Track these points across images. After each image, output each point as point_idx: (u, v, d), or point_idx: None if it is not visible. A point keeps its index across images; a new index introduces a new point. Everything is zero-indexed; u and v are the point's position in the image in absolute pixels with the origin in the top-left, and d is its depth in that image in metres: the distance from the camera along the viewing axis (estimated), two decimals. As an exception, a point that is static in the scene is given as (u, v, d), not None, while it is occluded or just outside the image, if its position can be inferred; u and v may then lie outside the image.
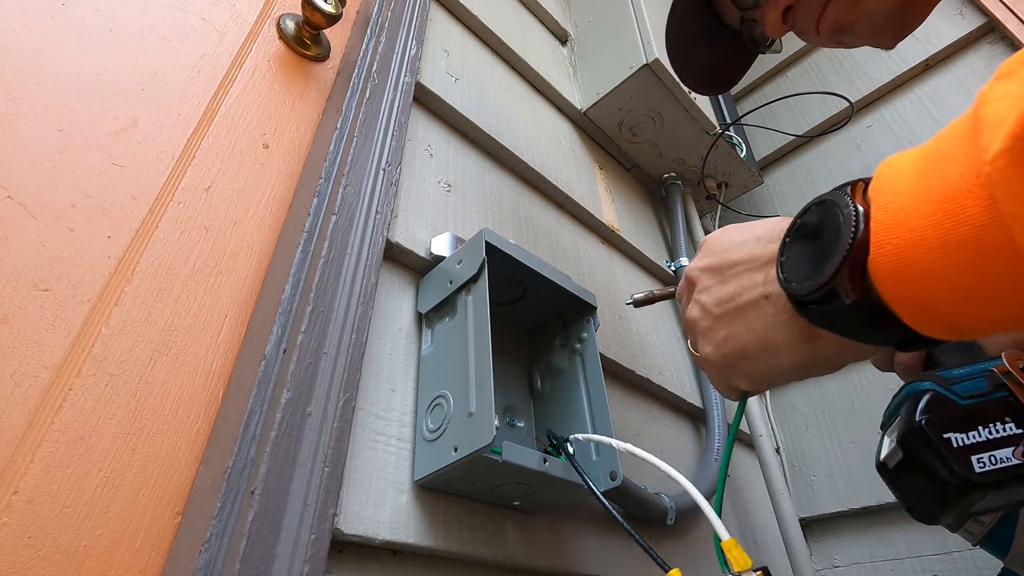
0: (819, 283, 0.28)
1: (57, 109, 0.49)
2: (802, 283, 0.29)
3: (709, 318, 0.37)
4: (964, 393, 0.38)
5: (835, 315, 0.29)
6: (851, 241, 0.26)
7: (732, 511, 0.91)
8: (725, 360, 0.37)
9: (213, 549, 0.37)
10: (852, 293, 0.27)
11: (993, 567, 0.59)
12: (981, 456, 0.37)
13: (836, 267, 0.27)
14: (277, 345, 0.47)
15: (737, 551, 0.36)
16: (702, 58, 0.70)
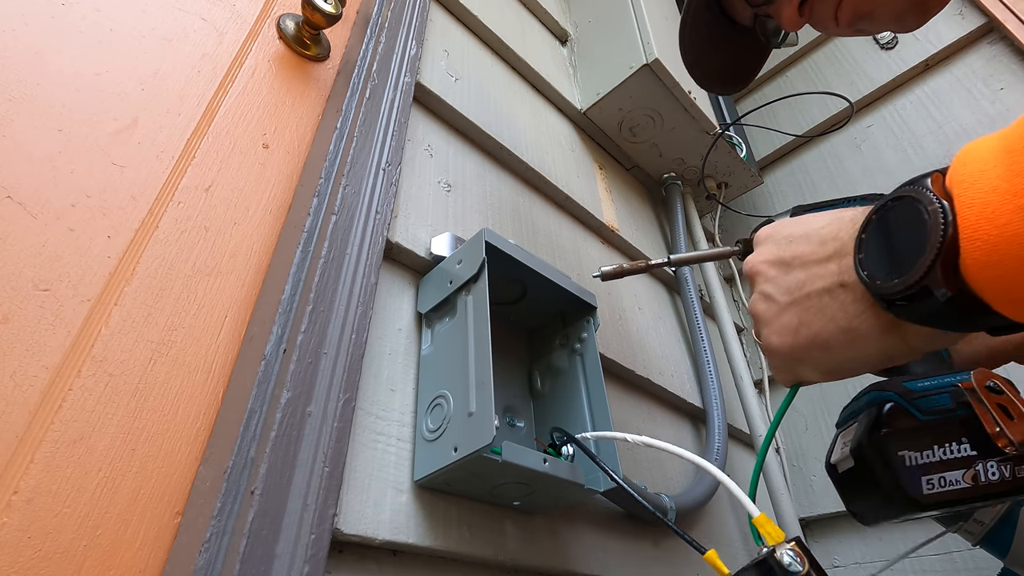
0: (911, 281, 0.28)
1: (57, 109, 0.49)
2: (889, 280, 0.29)
3: (776, 306, 0.36)
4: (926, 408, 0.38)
5: (929, 311, 0.29)
6: (941, 238, 0.26)
7: (732, 511, 0.91)
8: (796, 350, 0.35)
9: (213, 549, 0.37)
10: (947, 290, 0.27)
11: (993, 567, 0.59)
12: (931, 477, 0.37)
13: (928, 265, 0.27)
14: (277, 345, 0.47)
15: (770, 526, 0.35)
16: (717, 60, 0.70)
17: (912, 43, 1.29)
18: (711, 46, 0.69)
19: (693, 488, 0.81)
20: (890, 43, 1.34)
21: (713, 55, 0.70)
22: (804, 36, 1.52)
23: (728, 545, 0.85)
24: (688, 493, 0.79)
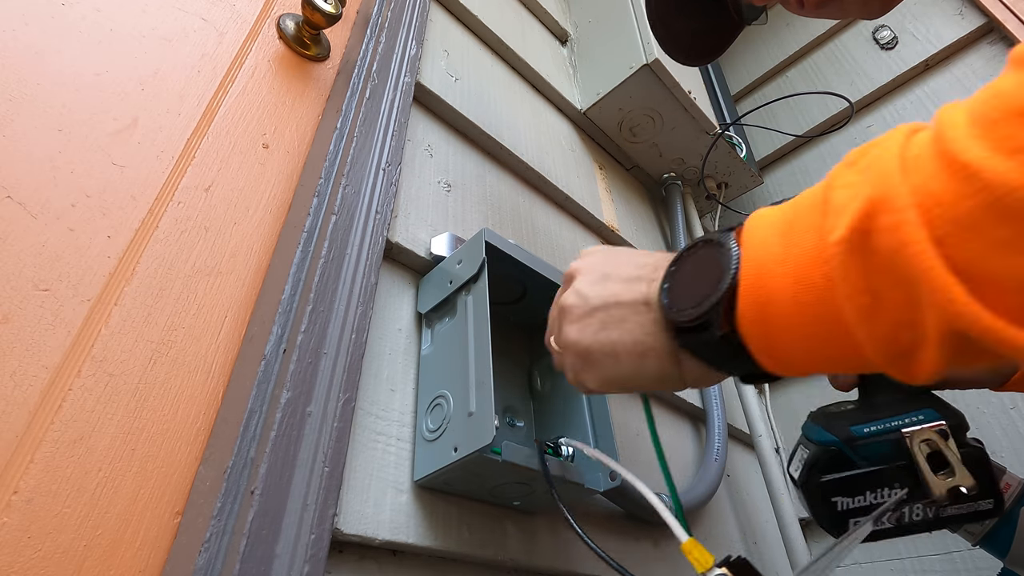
0: (697, 314, 0.31)
1: (57, 109, 0.49)
2: (683, 310, 0.32)
3: (587, 306, 0.38)
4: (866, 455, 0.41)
5: (704, 343, 0.32)
6: (727, 285, 0.30)
7: (732, 511, 0.91)
8: (591, 351, 0.37)
9: (213, 549, 0.37)
10: (722, 328, 0.30)
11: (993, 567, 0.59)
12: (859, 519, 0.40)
13: (713, 304, 0.30)
14: (277, 345, 0.47)
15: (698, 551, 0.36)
16: (685, 27, 0.69)
17: (912, 43, 1.30)
18: (681, 12, 0.67)
19: (693, 488, 0.81)
20: (890, 43, 1.34)
21: (683, 23, 0.68)
22: (804, 36, 1.52)
23: (729, 545, 0.85)
24: (688, 493, 0.79)
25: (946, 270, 0.22)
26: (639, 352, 0.36)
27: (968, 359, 0.24)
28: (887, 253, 0.23)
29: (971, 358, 0.24)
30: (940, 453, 0.37)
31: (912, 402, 0.41)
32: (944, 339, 0.23)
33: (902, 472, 0.39)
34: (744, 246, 0.30)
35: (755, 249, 0.29)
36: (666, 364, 0.35)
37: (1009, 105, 0.21)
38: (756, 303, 0.29)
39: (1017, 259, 0.20)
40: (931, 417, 0.39)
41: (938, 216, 0.22)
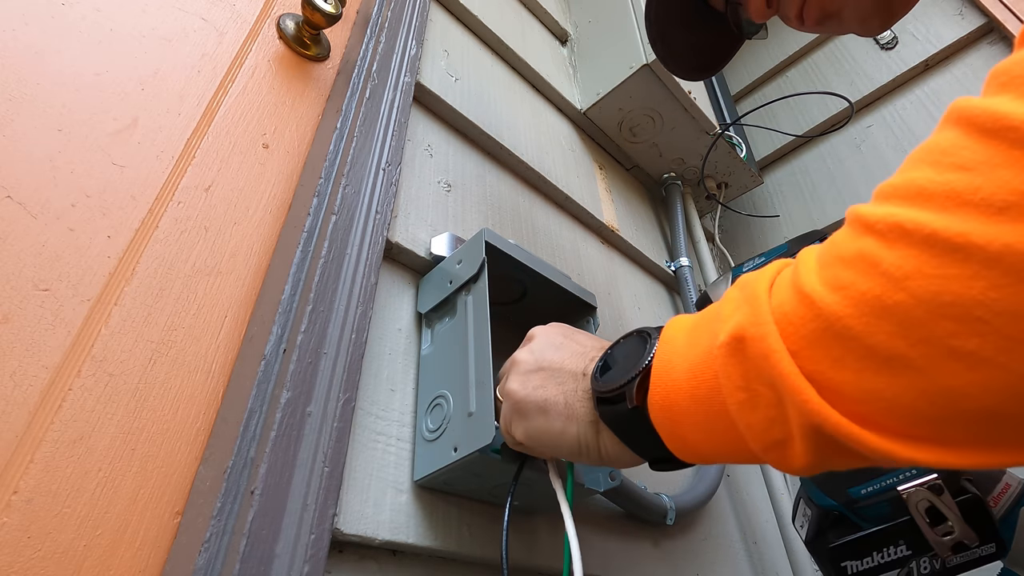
0: (614, 387, 0.36)
1: (57, 109, 0.49)
2: (605, 383, 0.37)
3: (534, 363, 0.42)
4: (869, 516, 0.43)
5: (617, 414, 0.36)
6: (642, 368, 0.34)
7: (732, 511, 0.91)
8: (526, 402, 0.41)
9: (213, 549, 0.37)
10: (633, 402, 0.34)
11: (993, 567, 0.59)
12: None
13: (628, 380, 0.35)
14: (277, 345, 0.47)
15: None
16: (685, 41, 0.69)
17: (912, 43, 1.30)
18: (681, 26, 0.67)
19: (693, 488, 0.81)
20: (890, 43, 1.34)
21: (683, 36, 0.68)
22: (804, 36, 1.52)
23: (729, 545, 0.85)
24: (688, 493, 0.79)
25: (801, 376, 0.26)
26: (567, 414, 0.39)
27: (836, 456, 0.27)
28: (756, 358, 0.28)
29: (838, 455, 0.27)
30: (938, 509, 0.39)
31: None
32: (807, 434, 0.26)
33: (905, 528, 0.40)
34: (660, 342, 0.35)
35: (667, 345, 0.34)
36: (586, 431, 0.39)
37: (836, 252, 0.26)
38: (660, 395, 0.33)
39: (847, 374, 0.25)
40: (922, 471, 0.40)
41: (792, 333, 0.26)
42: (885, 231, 0.24)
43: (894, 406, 0.24)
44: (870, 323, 0.24)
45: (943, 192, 0.23)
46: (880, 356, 0.24)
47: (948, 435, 0.24)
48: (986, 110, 0.23)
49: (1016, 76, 0.23)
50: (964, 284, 0.22)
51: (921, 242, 0.23)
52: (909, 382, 0.23)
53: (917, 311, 0.23)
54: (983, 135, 0.23)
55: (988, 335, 0.21)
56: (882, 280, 0.24)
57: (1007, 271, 0.21)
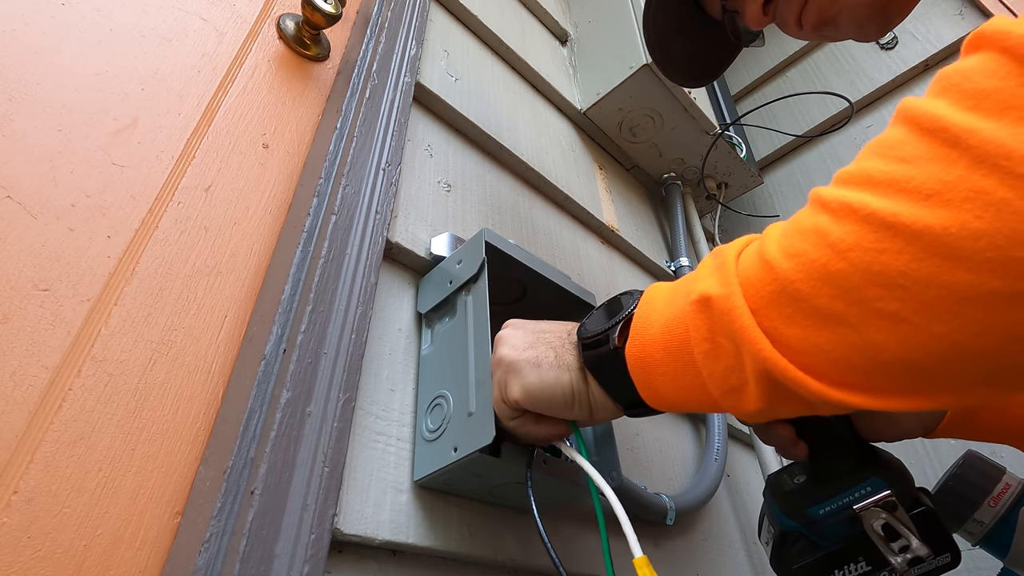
0: (598, 331, 0.41)
1: (57, 109, 0.49)
2: (589, 331, 0.42)
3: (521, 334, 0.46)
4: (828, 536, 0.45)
5: (599, 357, 0.40)
6: (625, 316, 0.40)
7: (732, 511, 0.91)
8: (518, 362, 0.43)
9: (213, 549, 0.37)
10: (615, 344, 0.39)
11: (993, 567, 0.59)
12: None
13: (612, 326, 0.40)
14: (277, 345, 0.47)
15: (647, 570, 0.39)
16: (682, 48, 0.69)
17: (912, 43, 1.30)
18: (679, 35, 0.68)
19: (693, 488, 0.81)
20: (890, 43, 1.34)
21: (681, 44, 0.69)
22: (804, 36, 1.51)
23: (729, 545, 0.85)
24: (688, 493, 0.79)
25: (758, 330, 0.30)
26: (558, 364, 0.43)
27: (783, 401, 0.31)
28: (720, 313, 0.32)
29: (785, 400, 0.31)
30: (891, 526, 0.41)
31: (858, 471, 0.44)
32: (759, 379, 0.31)
33: (863, 545, 0.42)
34: (640, 302, 0.39)
35: (646, 305, 0.39)
36: (578, 378, 0.42)
37: (796, 225, 0.31)
38: (637, 346, 0.37)
39: (795, 329, 0.29)
40: (877, 487, 0.42)
41: (753, 293, 0.31)
42: (836, 209, 0.28)
43: (832, 357, 0.29)
44: (816, 287, 0.28)
45: (886, 180, 0.27)
46: (822, 315, 0.28)
47: (873, 383, 0.28)
48: (927, 112, 0.27)
49: (953, 84, 0.27)
50: (892, 256, 0.26)
51: (862, 220, 0.27)
52: (844, 337, 0.28)
53: (854, 278, 0.27)
54: (922, 132, 0.27)
55: (907, 300, 0.26)
56: (828, 250, 0.28)
57: (925, 247, 0.25)
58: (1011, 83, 0.25)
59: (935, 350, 0.26)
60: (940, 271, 0.25)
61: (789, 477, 0.48)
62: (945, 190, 0.25)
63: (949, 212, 0.25)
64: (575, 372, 0.42)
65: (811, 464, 0.46)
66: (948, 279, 0.24)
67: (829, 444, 0.45)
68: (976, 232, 0.24)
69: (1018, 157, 0.23)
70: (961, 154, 0.25)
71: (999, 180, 0.24)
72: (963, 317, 0.25)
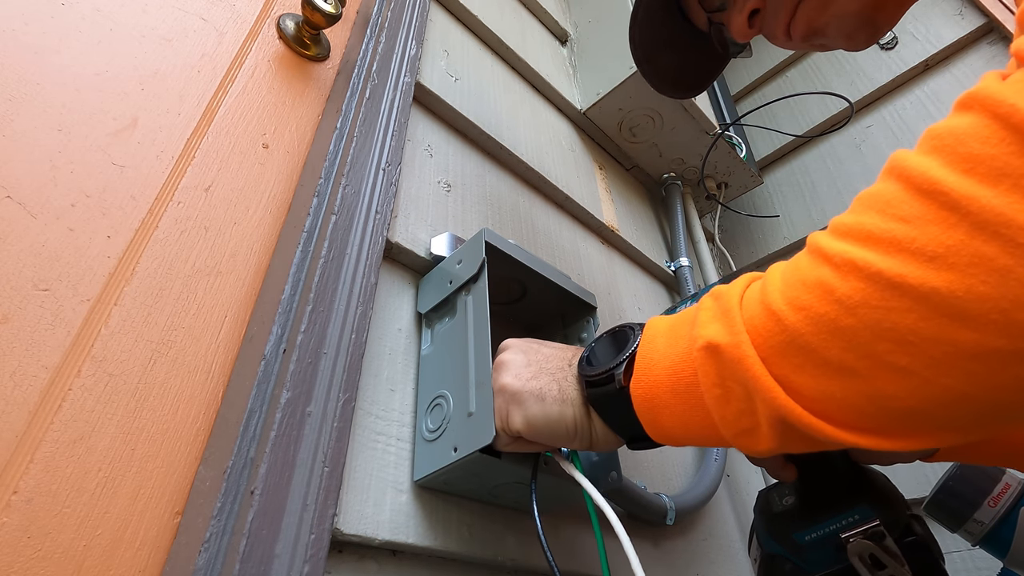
0: (603, 370, 0.41)
1: (57, 109, 0.49)
2: (593, 368, 0.42)
3: (524, 360, 0.46)
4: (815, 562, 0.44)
5: (604, 396, 0.41)
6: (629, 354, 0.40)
7: (732, 511, 0.91)
8: (521, 392, 0.43)
9: (213, 549, 0.37)
10: (621, 383, 0.40)
11: (993, 567, 0.59)
12: None
13: (617, 364, 0.40)
14: (277, 345, 0.47)
15: None
16: (670, 61, 0.69)
17: (912, 43, 1.30)
18: (667, 47, 0.68)
19: (693, 488, 0.81)
20: (890, 43, 1.34)
21: (669, 57, 0.69)
22: (804, 36, 1.51)
23: (729, 545, 0.85)
24: (688, 493, 0.79)
25: (771, 378, 0.31)
26: (562, 399, 0.43)
27: (795, 441, 0.32)
28: (731, 361, 0.33)
29: (796, 440, 0.32)
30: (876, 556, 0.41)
31: (847, 498, 0.43)
32: (773, 424, 0.32)
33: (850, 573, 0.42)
34: (642, 341, 0.40)
35: (647, 344, 0.39)
36: (581, 413, 0.43)
37: (798, 275, 0.31)
38: (642, 386, 0.38)
39: (806, 378, 0.30)
40: (865, 516, 0.42)
41: (761, 343, 0.32)
42: (840, 264, 0.29)
43: (843, 405, 0.30)
44: (826, 340, 0.29)
45: (887, 239, 0.28)
46: (833, 366, 0.29)
47: (882, 427, 0.30)
48: (922, 172, 0.28)
49: (946, 144, 0.28)
50: (901, 315, 0.27)
51: (868, 278, 0.28)
52: (855, 387, 0.29)
53: (864, 334, 0.28)
54: (919, 194, 0.28)
55: (916, 355, 0.27)
56: (836, 306, 0.29)
57: (933, 307, 0.26)
58: (1003, 150, 0.26)
59: (943, 400, 0.27)
60: (948, 329, 0.26)
61: (778, 497, 0.47)
62: (948, 254, 0.26)
63: (954, 275, 0.26)
64: (578, 407, 0.43)
65: (800, 487, 0.46)
66: (956, 337, 0.26)
67: (819, 469, 0.45)
68: (982, 296, 0.25)
69: (1017, 226, 0.24)
70: (960, 219, 0.26)
71: (1000, 247, 0.25)
72: (970, 372, 0.26)
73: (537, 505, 0.46)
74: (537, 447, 0.46)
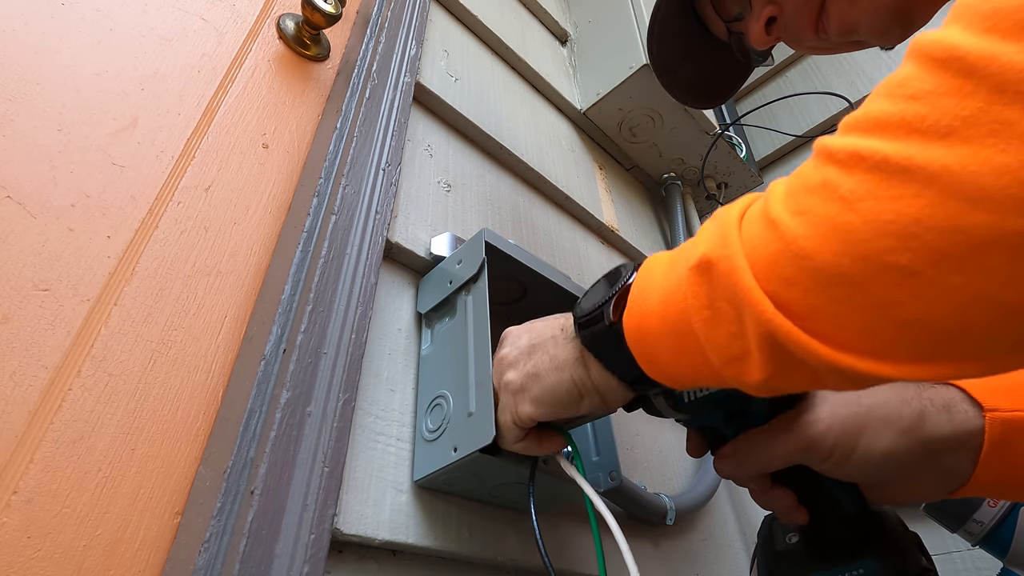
0: (593, 307, 0.39)
1: (57, 109, 0.49)
2: (584, 308, 0.40)
3: (519, 350, 0.44)
4: None
5: (595, 335, 0.39)
6: (619, 289, 0.38)
7: (732, 511, 0.91)
8: (522, 380, 0.43)
9: (213, 549, 0.37)
10: (611, 319, 0.37)
11: (993, 567, 0.59)
12: None
13: (606, 300, 0.38)
14: (277, 345, 0.47)
15: None
16: (692, 72, 0.69)
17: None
18: (687, 58, 0.67)
19: (693, 488, 0.81)
20: (890, 43, 1.34)
21: (689, 69, 0.68)
22: (804, 36, 1.51)
23: (729, 545, 0.85)
24: (688, 493, 0.79)
25: (759, 290, 0.28)
26: (555, 366, 0.41)
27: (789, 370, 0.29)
28: (721, 277, 0.30)
29: (790, 368, 0.29)
30: None
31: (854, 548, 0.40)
32: (763, 345, 0.29)
33: None
34: (638, 275, 0.38)
35: (644, 277, 0.37)
36: (576, 369, 0.40)
37: (802, 182, 0.28)
38: (635, 316, 0.36)
39: (797, 291, 0.27)
40: (870, 570, 0.39)
41: (755, 256, 0.29)
42: (845, 159, 0.26)
43: (840, 321, 0.26)
44: (820, 243, 0.26)
45: (896, 121, 0.25)
46: (825, 274, 0.26)
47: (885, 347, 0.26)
48: (939, 42, 0.25)
49: (968, 6, 0.24)
50: (905, 203, 0.23)
51: (874, 167, 0.25)
52: (852, 297, 0.26)
53: (862, 230, 0.25)
54: (934, 65, 0.24)
55: (919, 250, 0.23)
56: (838, 203, 0.26)
57: (942, 189, 0.23)
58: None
59: (953, 305, 0.24)
60: (959, 215, 0.22)
61: (782, 532, 0.45)
62: (964, 126, 0.22)
63: (969, 149, 0.22)
64: (572, 364, 0.41)
65: (807, 527, 0.43)
66: (968, 223, 0.22)
67: (830, 512, 0.42)
68: (1000, 168, 0.21)
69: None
70: (978, 84, 0.22)
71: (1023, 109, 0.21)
72: (984, 265, 0.22)
73: (535, 507, 0.45)
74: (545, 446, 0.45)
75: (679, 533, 0.77)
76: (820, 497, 0.42)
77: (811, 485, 0.41)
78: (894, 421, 0.38)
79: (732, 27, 0.60)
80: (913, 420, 0.38)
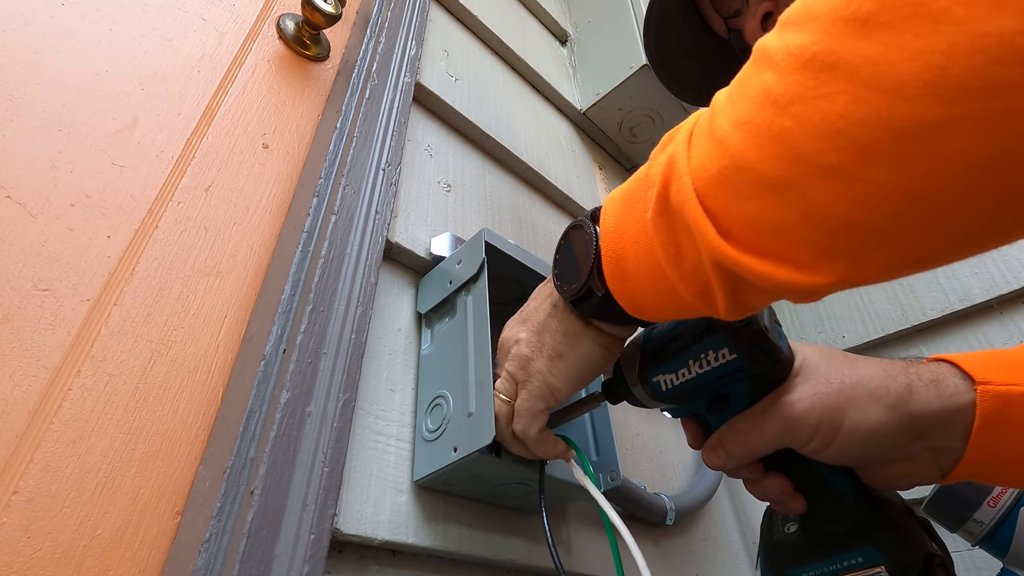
0: (579, 285, 0.38)
1: (57, 109, 0.49)
2: (568, 286, 0.40)
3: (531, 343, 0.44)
4: None
5: (595, 306, 0.39)
6: (594, 255, 0.37)
7: (732, 511, 0.91)
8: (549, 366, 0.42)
9: (212, 549, 0.37)
10: (600, 289, 0.37)
11: (993, 567, 0.59)
12: None
13: (588, 272, 0.37)
14: (276, 345, 0.47)
15: None
16: (690, 69, 0.68)
17: (912, 43, 1.29)
18: (688, 55, 0.67)
19: (693, 488, 0.81)
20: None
21: (688, 65, 0.68)
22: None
23: (729, 545, 0.85)
24: (688, 493, 0.79)
25: (705, 217, 0.28)
26: (571, 340, 0.42)
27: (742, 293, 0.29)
28: (676, 210, 0.29)
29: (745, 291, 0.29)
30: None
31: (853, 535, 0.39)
32: (716, 273, 0.28)
33: None
34: (601, 224, 0.37)
35: (606, 224, 0.36)
36: (593, 335, 0.41)
37: (743, 91, 0.27)
38: (612, 266, 0.36)
39: (741, 204, 0.26)
40: (869, 558, 0.38)
41: (701, 177, 0.28)
42: (780, 61, 0.25)
43: (780, 231, 0.26)
44: (760, 151, 0.25)
45: (827, 12, 0.23)
46: (766, 182, 0.25)
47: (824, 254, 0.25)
48: None
49: None
50: (831, 100, 0.22)
51: (803, 67, 0.24)
52: (789, 203, 0.25)
53: (795, 133, 0.24)
54: None
55: (846, 148, 0.22)
56: (773, 109, 0.25)
57: (864, 82, 0.22)
58: None
59: (879, 200, 0.23)
60: (879, 106, 0.21)
61: (781, 522, 0.43)
62: (883, 10, 0.21)
63: (888, 36, 0.21)
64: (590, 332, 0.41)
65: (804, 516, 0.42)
66: (887, 113, 0.21)
67: (826, 498, 0.41)
68: (915, 53, 0.20)
69: None
70: None
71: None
72: (902, 157, 0.22)
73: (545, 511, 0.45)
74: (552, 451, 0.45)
75: (679, 533, 0.77)
76: (815, 483, 0.40)
77: (804, 471, 0.40)
78: (880, 396, 0.36)
79: (731, 23, 0.60)
80: (900, 395, 0.36)
